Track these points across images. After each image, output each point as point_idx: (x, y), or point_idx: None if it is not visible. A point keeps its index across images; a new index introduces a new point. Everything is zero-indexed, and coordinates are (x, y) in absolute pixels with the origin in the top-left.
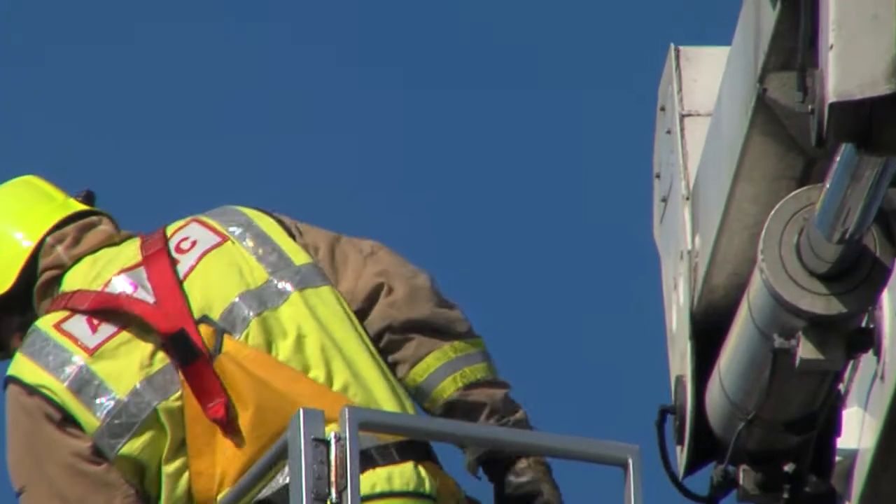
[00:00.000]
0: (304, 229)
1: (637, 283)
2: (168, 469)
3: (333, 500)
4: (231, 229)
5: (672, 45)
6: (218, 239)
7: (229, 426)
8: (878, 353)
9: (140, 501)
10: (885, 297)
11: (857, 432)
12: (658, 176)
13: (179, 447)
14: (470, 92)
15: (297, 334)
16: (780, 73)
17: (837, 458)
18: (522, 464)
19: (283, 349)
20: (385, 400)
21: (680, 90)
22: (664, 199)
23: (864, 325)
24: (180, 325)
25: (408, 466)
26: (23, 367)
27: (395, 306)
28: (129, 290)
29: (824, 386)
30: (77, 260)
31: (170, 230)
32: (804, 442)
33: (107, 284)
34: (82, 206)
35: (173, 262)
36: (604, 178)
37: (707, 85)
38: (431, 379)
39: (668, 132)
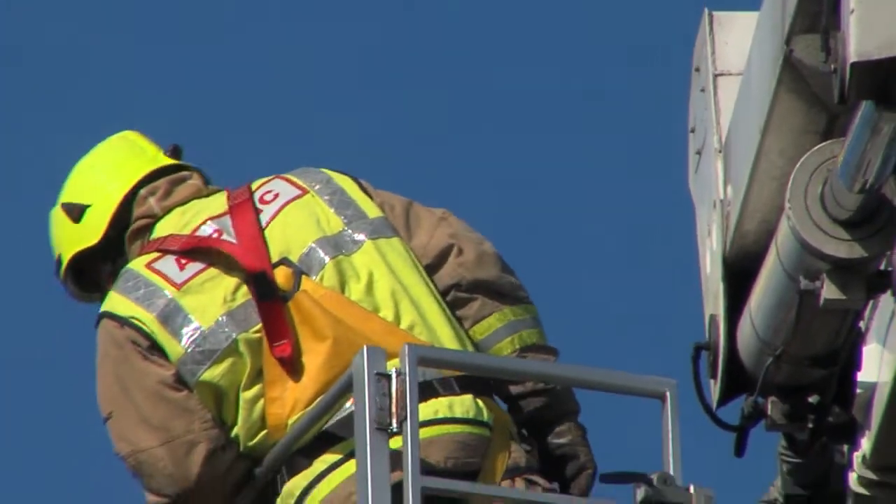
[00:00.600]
0: (380, 192)
1: (675, 229)
2: (245, 395)
3: (394, 430)
4: (312, 184)
5: (706, 10)
6: (298, 192)
7: (296, 362)
8: (895, 294)
9: (216, 426)
10: None
11: (876, 367)
12: (693, 131)
13: (257, 375)
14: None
15: (368, 278)
16: (806, 35)
17: (858, 391)
18: (562, 426)
19: (356, 290)
20: (448, 340)
21: (713, 52)
22: (698, 152)
23: (882, 267)
24: (262, 265)
25: (467, 397)
26: (115, 302)
27: (464, 266)
28: (215, 234)
29: (846, 324)
30: (168, 211)
31: (255, 185)
32: (828, 375)
33: (195, 230)
34: (172, 161)
35: (257, 212)
36: (645, 132)
37: (738, 47)
38: (491, 338)
39: (702, 90)
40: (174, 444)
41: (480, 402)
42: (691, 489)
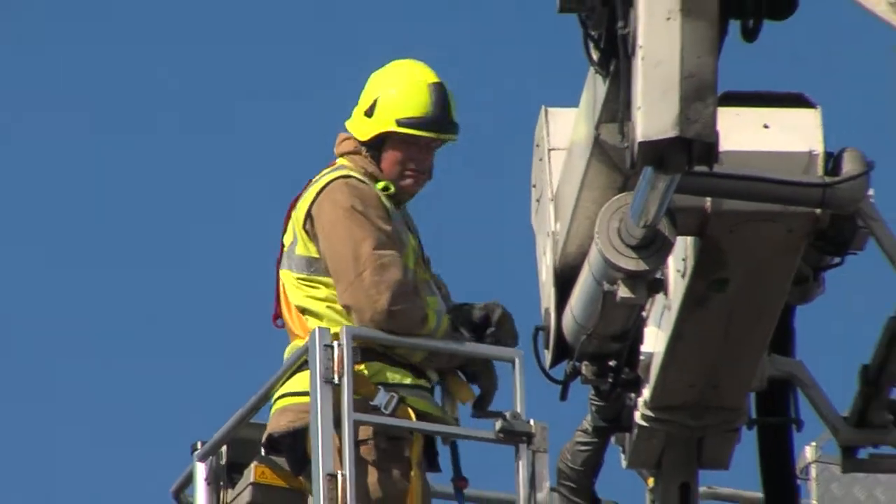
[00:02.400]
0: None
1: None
2: None
3: (335, 382)
4: None
5: (543, 107)
6: None
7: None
8: (665, 293)
9: None
10: (670, 260)
11: (653, 341)
12: (534, 186)
13: None
14: None
15: None
16: (608, 123)
17: (641, 358)
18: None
19: None
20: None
21: (548, 134)
22: (538, 200)
23: (658, 276)
24: None
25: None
26: None
27: None
28: None
29: (634, 313)
30: None
31: None
32: (622, 347)
33: None
34: None
35: None
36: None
37: (563, 131)
38: None
39: (540, 159)
40: None
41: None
42: (531, 421)
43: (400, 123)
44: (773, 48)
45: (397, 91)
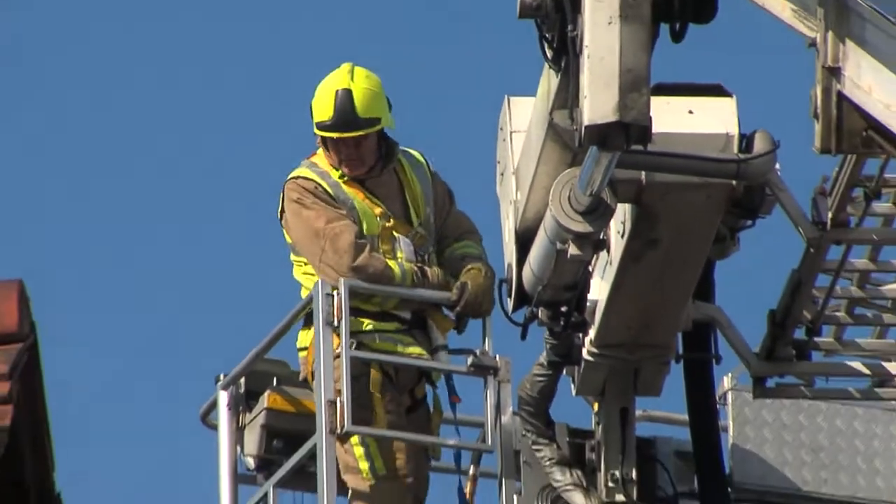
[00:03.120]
0: None
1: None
2: None
3: (335, 325)
4: None
5: (507, 96)
6: None
7: None
8: (608, 251)
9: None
10: (612, 223)
11: (597, 291)
12: (499, 162)
13: None
14: None
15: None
16: (560, 109)
17: (587, 304)
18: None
19: None
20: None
21: (510, 119)
22: (502, 174)
23: (602, 237)
24: None
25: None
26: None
27: None
28: None
29: (582, 268)
30: None
31: None
32: (572, 296)
33: None
34: None
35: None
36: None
37: (523, 116)
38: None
39: (504, 140)
40: None
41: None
42: (497, 357)
43: (316, 127)
44: (697, 46)
45: (314, 100)
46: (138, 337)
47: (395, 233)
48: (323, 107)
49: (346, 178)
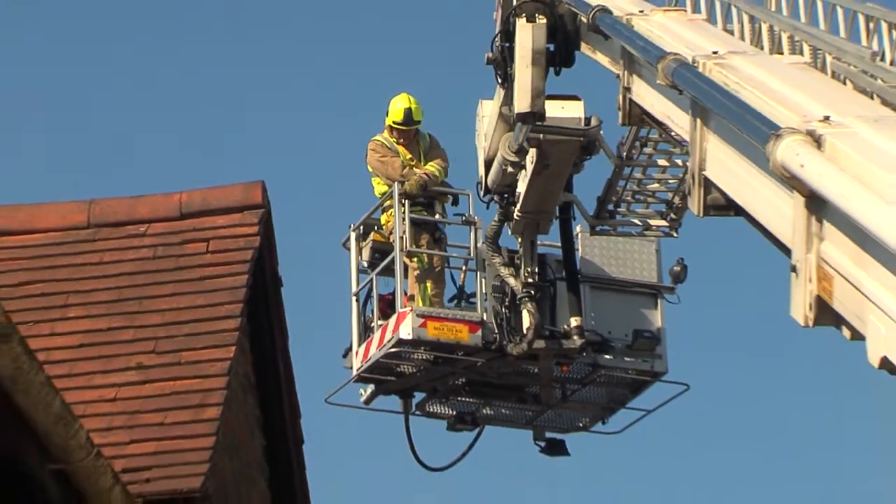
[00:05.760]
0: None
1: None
2: None
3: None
4: None
5: (480, 100)
6: None
7: None
8: (526, 169)
9: None
10: (528, 157)
11: (521, 187)
12: (477, 133)
13: None
14: None
15: None
16: (504, 105)
17: (517, 192)
18: None
19: None
20: None
21: (482, 110)
22: (478, 135)
23: (522, 163)
24: None
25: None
26: None
27: None
28: None
29: (515, 176)
30: None
31: None
32: (511, 188)
33: None
34: None
35: None
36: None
37: (488, 108)
38: None
39: (479, 120)
40: None
41: None
42: (476, 217)
43: (393, 122)
44: (570, 75)
45: (391, 108)
46: None
47: (414, 168)
48: (396, 112)
49: (397, 142)
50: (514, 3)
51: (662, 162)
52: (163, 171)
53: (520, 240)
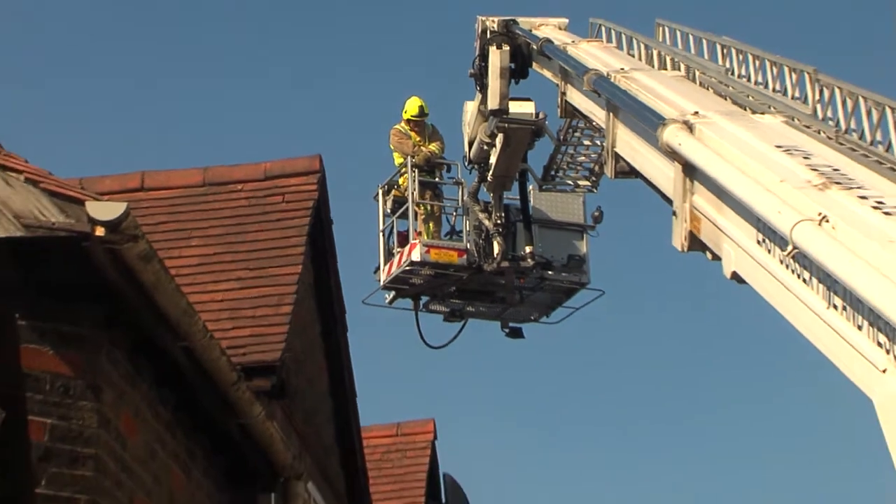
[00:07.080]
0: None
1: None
2: None
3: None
4: None
5: (466, 102)
6: None
7: None
8: (497, 147)
9: None
10: (497, 140)
11: (492, 160)
12: (462, 121)
13: None
14: None
15: None
16: (482, 104)
17: (490, 162)
18: None
19: None
20: None
21: (467, 108)
22: (464, 124)
23: (493, 143)
24: None
25: None
26: None
27: None
28: None
29: (489, 151)
30: None
31: None
32: (487, 159)
33: None
34: None
35: None
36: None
37: (471, 107)
38: None
39: (464, 114)
40: None
41: None
42: (462, 179)
43: (410, 115)
44: (525, 84)
45: (408, 106)
46: None
47: (422, 147)
48: (413, 109)
49: (410, 129)
50: (488, 36)
51: (587, 142)
52: (252, 144)
53: (492, 195)
